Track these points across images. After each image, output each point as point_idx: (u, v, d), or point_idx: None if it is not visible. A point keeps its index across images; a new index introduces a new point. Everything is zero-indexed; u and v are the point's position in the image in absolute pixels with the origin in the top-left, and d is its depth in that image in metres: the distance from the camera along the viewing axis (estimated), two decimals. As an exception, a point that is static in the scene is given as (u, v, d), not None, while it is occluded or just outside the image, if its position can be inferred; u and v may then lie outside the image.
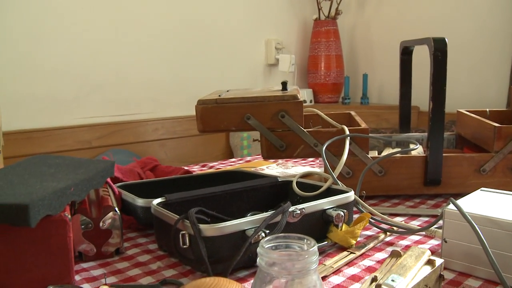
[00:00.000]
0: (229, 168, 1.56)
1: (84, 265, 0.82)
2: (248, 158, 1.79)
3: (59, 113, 2.54)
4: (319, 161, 1.40)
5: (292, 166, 1.56)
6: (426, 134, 1.39)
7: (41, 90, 2.46)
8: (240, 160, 1.75)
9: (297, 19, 3.66)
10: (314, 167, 1.57)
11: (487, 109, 1.44)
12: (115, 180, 1.11)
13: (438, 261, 0.66)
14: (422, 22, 3.41)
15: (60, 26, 2.47)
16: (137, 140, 2.77)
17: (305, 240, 0.57)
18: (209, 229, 0.71)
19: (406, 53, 1.48)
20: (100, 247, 0.84)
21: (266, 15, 3.41)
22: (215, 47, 3.12)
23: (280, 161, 1.68)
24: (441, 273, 0.66)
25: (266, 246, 0.55)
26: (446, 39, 1.14)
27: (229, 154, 3.18)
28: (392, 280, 0.57)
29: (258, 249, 0.55)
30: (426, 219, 1.04)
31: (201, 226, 0.71)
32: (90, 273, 0.78)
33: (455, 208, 0.76)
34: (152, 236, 0.96)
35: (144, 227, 1.00)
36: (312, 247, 0.55)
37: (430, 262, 0.65)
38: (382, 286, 0.56)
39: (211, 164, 1.66)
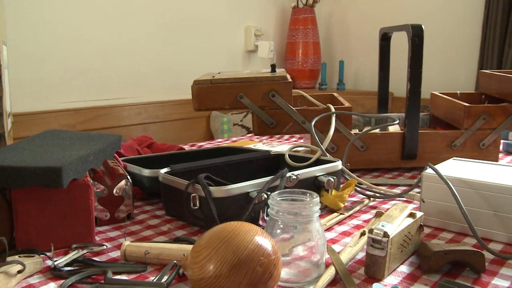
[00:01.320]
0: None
1: (100, 228, 0.90)
2: (234, 139, 1.87)
3: (43, 97, 2.58)
4: (303, 141, 1.50)
5: (278, 145, 1.66)
6: (403, 114, 1.50)
7: (26, 74, 2.50)
8: (227, 140, 1.84)
9: (276, 7, 3.75)
10: (298, 145, 1.67)
11: (458, 92, 1.55)
12: (118, 154, 1.19)
13: (419, 214, 0.76)
14: (396, 10, 3.53)
15: (45, 11, 2.51)
16: (120, 124, 2.83)
17: (308, 194, 0.67)
18: (218, 191, 0.81)
19: (385, 39, 1.58)
20: (113, 213, 0.92)
21: (246, 3, 3.49)
22: (196, 34, 3.18)
23: (265, 140, 1.77)
24: (421, 223, 0.76)
25: (277, 198, 0.65)
26: (422, 26, 1.24)
27: (210, 138, 3.26)
28: (382, 225, 0.67)
29: (269, 201, 0.65)
30: (404, 188, 1.14)
31: (211, 188, 0.81)
32: (106, 234, 0.87)
33: (432, 172, 0.87)
34: (158, 204, 1.04)
35: (148, 197, 1.09)
36: (314, 198, 0.65)
37: (411, 215, 0.75)
38: (374, 230, 0.66)
39: (199, 144, 1.74)
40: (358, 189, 1.08)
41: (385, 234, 0.65)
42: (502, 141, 1.65)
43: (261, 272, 0.55)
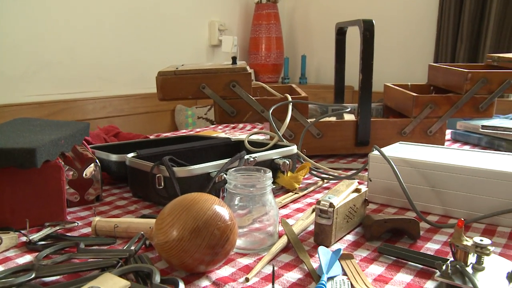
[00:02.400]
0: (182, 137, 1.71)
1: (70, 209, 0.95)
2: (198, 129, 1.94)
3: (7, 91, 2.59)
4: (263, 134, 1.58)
5: (239, 135, 1.73)
6: (357, 104, 1.59)
7: (-10, 68, 2.51)
8: (191, 131, 1.90)
9: (240, 2, 3.81)
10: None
11: (409, 83, 1.65)
12: (86, 142, 1.25)
13: (364, 189, 0.85)
14: (357, 6, 3.64)
15: (7, 4, 2.52)
16: (85, 118, 2.85)
17: (262, 170, 0.74)
18: (181, 171, 0.87)
19: (340, 33, 1.67)
20: (83, 195, 0.98)
21: (209, -2, 3.55)
22: (161, 28, 3.23)
23: (227, 130, 1.84)
24: (366, 198, 0.85)
25: (234, 173, 0.72)
26: (373, 21, 1.33)
27: (175, 130, 3.31)
28: (329, 197, 0.75)
29: (227, 176, 0.72)
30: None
31: (175, 168, 0.87)
32: (77, 214, 0.93)
33: (378, 153, 0.95)
34: (125, 188, 1.10)
35: (116, 181, 1.14)
36: (267, 173, 0.72)
37: (357, 190, 0.83)
38: (321, 201, 0.74)
39: (164, 135, 1.80)
40: (314, 172, 1.16)
41: (331, 205, 0.73)
42: (450, 130, 1.76)
43: (219, 236, 0.62)
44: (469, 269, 0.62)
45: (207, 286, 0.63)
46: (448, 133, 1.77)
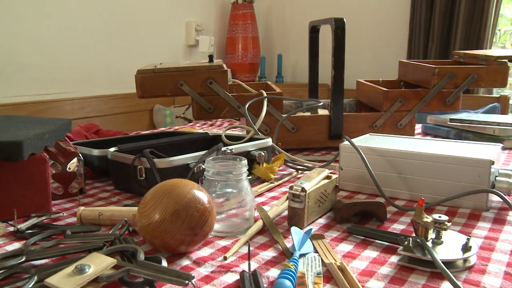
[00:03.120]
0: (161, 134, 1.75)
1: (55, 202, 0.99)
2: (177, 127, 1.98)
3: (-17, 92, 2.61)
4: (240, 129, 1.63)
5: (217, 131, 1.77)
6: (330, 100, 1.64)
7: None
8: (170, 128, 1.94)
9: (216, 3, 3.86)
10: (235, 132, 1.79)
11: (380, 79, 1.72)
12: (68, 139, 1.28)
13: (334, 176, 0.90)
14: (332, 5, 3.71)
15: (-15, 7, 2.53)
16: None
17: (238, 159, 0.79)
18: (161, 162, 0.92)
19: (314, 31, 1.73)
20: (67, 188, 1.02)
21: (185, -2, 3.59)
22: (138, 29, 3.26)
23: (205, 127, 1.88)
24: (337, 184, 0.90)
25: (211, 161, 0.77)
26: (344, 19, 1.38)
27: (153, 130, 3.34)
28: (301, 183, 0.80)
29: (205, 164, 0.77)
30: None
31: (155, 160, 0.92)
32: (62, 206, 0.96)
33: (349, 144, 1.01)
34: (107, 181, 1.14)
35: (98, 176, 1.18)
36: (242, 161, 0.77)
37: (328, 177, 0.89)
38: (294, 186, 0.79)
39: (143, 132, 1.84)
40: (290, 164, 1.21)
41: (303, 189, 0.79)
42: (421, 124, 1.83)
43: (198, 217, 0.67)
44: (429, 244, 0.68)
45: (188, 265, 0.67)
46: (419, 127, 1.84)
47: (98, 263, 0.59)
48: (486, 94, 3.24)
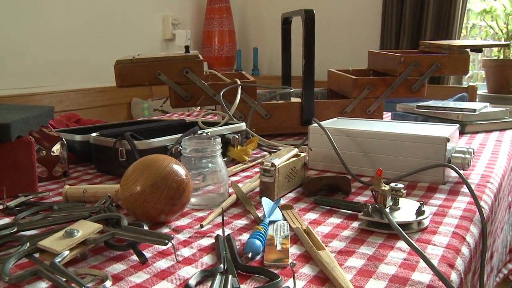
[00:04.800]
0: (140, 124, 1.81)
1: (40, 184, 1.04)
2: (155, 118, 2.03)
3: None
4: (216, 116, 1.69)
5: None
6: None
7: None
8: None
9: (191, -3, 3.91)
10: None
11: (350, 68, 1.80)
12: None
13: (303, 154, 0.97)
14: (304, -1, 3.79)
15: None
16: (42, 112, 2.90)
17: (212, 138, 0.86)
18: (141, 144, 0.98)
19: (286, 23, 1.80)
20: (51, 171, 1.07)
21: (162, -7, 3.63)
22: (115, 23, 3.29)
23: (183, 118, 1.94)
24: (305, 162, 0.97)
25: (188, 140, 0.83)
26: (314, 10, 1.45)
27: (132, 124, 3.39)
28: (271, 159, 0.87)
29: (182, 143, 0.83)
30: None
31: (136, 142, 0.98)
32: (47, 187, 1.02)
33: (317, 125, 1.08)
34: (89, 166, 1.19)
35: (80, 161, 1.23)
36: (217, 139, 0.84)
37: (297, 155, 0.96)
38: (264, 162, 0.86)
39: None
40: (264, 148, 1.28)
41: (273, 165, 0.85)
42: (391, 112, 1.91)
43: (176, 188, 0.73)
44: (387, 210, 0.75)
45: (168, 232, 0.74)
46: (389, 115, 1.92)
47: (86, 228, 0.65)
48: (455, 84, 3.34)
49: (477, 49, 1.68)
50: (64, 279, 0.55)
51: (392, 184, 0.77)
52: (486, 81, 3.19)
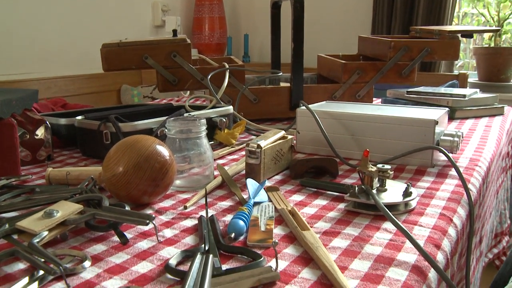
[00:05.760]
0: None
1: (24, 167, 1.03)
2: (142, 103, 2.01)
3: None
4: (204, 100, 1.67)
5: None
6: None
7: None
8: (137, 104, 1.97)
9: (181, -17, 3.87)
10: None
11: (340, 53, 1.78)
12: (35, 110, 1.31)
13: (290, 136, 0.96)
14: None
15: None
16: (30, 99, 2.87)
17: (197, 119, 0.84)
18: (126, 126, 0.96)
19: (275, 7, 1.78)
20: (35, 155, 1.05)
21: (151, -21, 3.59)
22: (104, 9, 3.25)
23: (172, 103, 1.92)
24: (292, 144, 0.96)
25: (172, 121, 0.82)
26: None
27: (122, 111, 3.36)
28: (257, 141, 0.85)
29: (167, 125, 0.82)
30: (290, 131, 1.34)
31: (120, 124, 0.96)
32: (30, 170, 1.00)
33: (305, 108, 1.07)
34: (74, 150, 1.18)
35: (65, 145, 1.22)
36: (202, 120, 0.82)
37: (284, 138, 0.94)
38: (250, 143, 0.85)
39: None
40: (253, 132, 1.26)
41: (258, 146, 0.84)
42: (381, 98, 1.90)
43: (159, 168, 0.72)
44: (374, 191, 0.74)
45: (151, 213, 0.72)
46: (379, 101, 1.91)
47: (66, 209, 0.63)
48: (446, 72, 3.34)
49: (468, 34, 1.67)
50: (43, 260, 0.54)
51: (379, 165, 0.76)
52: (477, 69, 3.19)
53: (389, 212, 0.65)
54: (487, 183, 1.06)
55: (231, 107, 1.19)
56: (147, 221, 0.61)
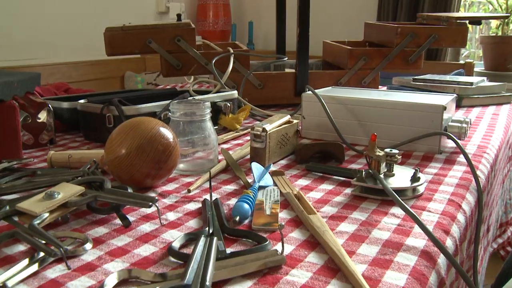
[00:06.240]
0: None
1: (26, 151, 1.01)
2: (146, 88, 2.00)
3: None
4: (208, 85, 1.66)
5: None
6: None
7: None
8: (140, 90, 1.95)
9: (186, -31, 3.84)
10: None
11: (346, 40, 1.76)
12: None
13: (296, 121, 0.94)
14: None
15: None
16: (34, 85, 2.85)
17: (201, 102, 0.83)
18: (129, 109, 0.95)
19: (281, -9, 1.76)
20: (37, 138, 1.04)
21: (156, -35, 3.56)
22: (107, -5, 3.23)
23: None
24: (298, 129, 0.94)
25: (176, 104, 0.80)
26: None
27: (125, 98, 3.34)
28: (262, 124, 0.84)
29: (171, 107, 0.80)
30: (295, 117, 1.33)
31: (123, 107, 0.95)
32: (32, 154, 0.99)
33: (311, 93, 1.05)
34: (76, 134, 1.16)
35: (67, 129, 1.20)
36: (206, 102, 0.81)
37: (289, 122, 0.93)
38: (255, 127, 0.83)
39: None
40: (258, 118, 1.25)
41: (264, 130, 0.83)
42: (387, 86, 1.88)
43: (162, 151, 0.70)
44: (381, 176, 0.73)
45: (154, 196, 0.71)
46: (385, 88, 1.89)
47: (67, 191, 0.62)
48: (452, 61, 3.31)
49: (476, 21, 1.65)
50: (43, 242, 0.53)
51: (387, 150, 0.74)
52: (483, 58, 3.16)
53: (397, 196, 0.64)
54: (495, 171, 1.04)
55: (235, 91, 1.17)
56: (150, 203, 0.59)
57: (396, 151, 0.73)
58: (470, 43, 3.55)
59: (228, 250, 0.53)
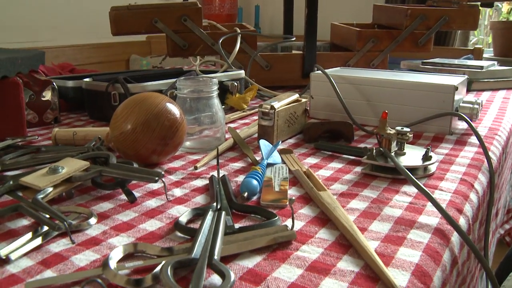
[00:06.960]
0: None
1: (30, 129, 1.00)
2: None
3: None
4: (215, 66, 1.64)
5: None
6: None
7: None
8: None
9: (192, -48, 3.79)
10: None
11: (354, 22, 1.73)
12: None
13: (304, 100, 0.92)
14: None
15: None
16: (39, 68, 2.84)
17: (209, 79, 0.81)
18: (135, 87, 0.93)
19: (288, -26, 1.73)
20: (42, 116, 1.03)
21: None
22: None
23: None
24: (306, 108, 0.93)
25: (183, 80, 0.78)
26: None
27: (130, 82, 3.33)
28: (270, 102, 0.82)
29: (178, 84, 0.79)
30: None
31: (129, 85, 0.93)
32: (36, 132, 0.98)
33: (320, 73, 1.03)
34: (81, 113, 1.15)
35: (72, 108, 1.19)
36: (213, 79, 0.79)
37: (298, 101, 0.91)
38: (263, 105, 0.81)
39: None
40: (265, 98, 1.23)
41: (272, 107, 0.81)
42: (395, 69, 1.86)
43: (168, 126, 0.69)
44: (392, 154, 0.71)
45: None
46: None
47: (72, 165, 0.61)
48: (461, 46, 3.28)
49: (488, 3, 1.62)
50: (47, 216, 0.52)
51: (398, 128, 0.72)
52: (492, 44, 3.12)
53: (409, 173, 0.62)
54: (506, 153, 1.02)
55: (242, 71, 1.15)
56: (156, 178, 0.58)
57: (408, 129, 0.72)
58: (479, 29, 3.51)
59: (237, 226, 0.52)
